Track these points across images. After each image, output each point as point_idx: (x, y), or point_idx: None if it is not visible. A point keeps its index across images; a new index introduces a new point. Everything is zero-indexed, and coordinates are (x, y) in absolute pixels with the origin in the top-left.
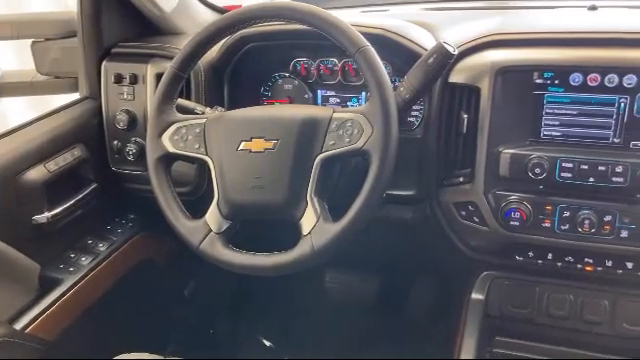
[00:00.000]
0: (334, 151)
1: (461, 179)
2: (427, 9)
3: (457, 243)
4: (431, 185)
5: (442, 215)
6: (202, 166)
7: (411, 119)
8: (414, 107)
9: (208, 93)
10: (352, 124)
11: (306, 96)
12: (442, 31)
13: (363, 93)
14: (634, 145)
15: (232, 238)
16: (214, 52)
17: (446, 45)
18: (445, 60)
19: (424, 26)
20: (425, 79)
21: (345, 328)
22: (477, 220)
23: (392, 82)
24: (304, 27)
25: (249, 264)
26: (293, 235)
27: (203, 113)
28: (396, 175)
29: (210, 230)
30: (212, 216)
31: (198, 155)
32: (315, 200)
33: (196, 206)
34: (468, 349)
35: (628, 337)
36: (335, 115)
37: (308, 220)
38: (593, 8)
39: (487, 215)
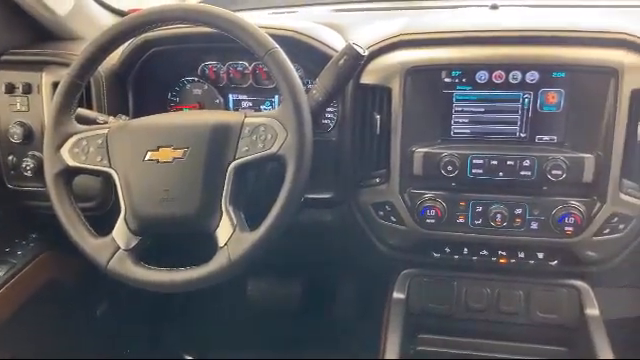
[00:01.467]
0: (248, 157)
1: (377, 180)
2: (336, 10)
3: (376, 243)
4: (348, 187)
5: (361, 216)
6: (107, 179)
7: (326, 121)
8: (328, 109)
9: (110, 101)
10: (265, 129)
11: (217, 101)
12: (352, 32)
13: (276, 96)
14: (539, 139)
15: (143, 254)
16: (115, 57)
17: (356, 46)
18: (355, 61)
19: (334, 27)
20: (337, 81)
21: (270, 335)
22: (394, 219)
23: (304, 85)
24: (211, 30)
25: (162, 281)
26: (209, 247)
27: (105, 123)
28: (313, 178)
29: (118, 247)
30: (120, 232)
31: (101, 168)
32: (230, 209)
33: (104, 222)
34: (392, 349)
35: (541, 324)
36: (247, 120)
37: (224, 231)
38: (494, 7)
39: (404, 214)
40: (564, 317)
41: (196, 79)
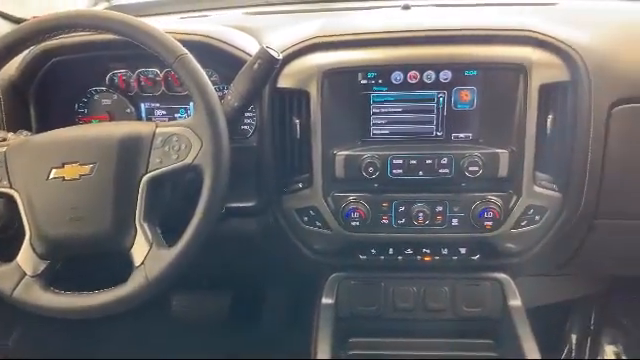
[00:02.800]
0: (161, 170)
1: (300, 185)
2: (249, 13)
3: (303, 249)
4: (271, 193)
5: (285, 223)
6: (9, 201)
7: (244, 127)
8: (247, 114)
9: (9, 116)
10: (179, 139)
11: (128, 110)
12: (266, 35)
13: (191, 103)
14: (455, 137)
15: (54, 279)
16: (12, 68)
17: (270, 50)
18: (270, 65)
19: (248, 31)
20: (252, 86)
21: (199, 349)
22: (319, 224)
23: (220, 90)
24: (116, 37)
25: (75, 307)
26: (126, 267)
27: (4, 140)
28: (234, 187)
29: (24, 273)
30: (25, 257)
31: (1, 189)
32: (145, 226)
33: (8, 247)
34: (323, 355)
35: (467, 319)
36: (159, 130)
37: (139, 249)
38: (407, 7)
39: (328, 218)
40: (488, 310)
41: (104, 89)
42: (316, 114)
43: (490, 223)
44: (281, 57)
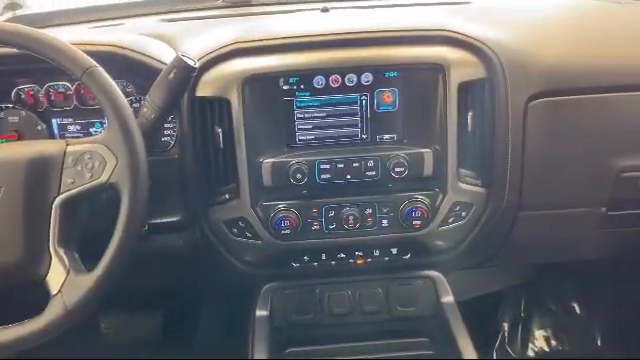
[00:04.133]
0: (74, 190)
1: (227, 196)
2: (165, 20)
3: (234, 262)
4: (197, 206)
5: (214, 236)
6: None
7: (165, 138)
8: (167, 125)
9: None
10: (92, 156)
11: (39, 128)
12: (183, 43)
13: None
14: (380, 139)
15: None
16: None
17: (185, 58)
18: (187, 74)
19: (163, 39)
20: (168, 96)
21: None
22: (249, 235)
23: (136, 102)
24: (18, 51)
25: None
26: (42, 296)
27: None
28: (157, 201)
29: None
30: None
31: None
32: (61, 251)
33: None
34: None
35: (402, 318)
36: (70, 148)
37: (56, 276)
38: (325, 10)
39: (258, 228)
40: (422, 308)
41: (11, 105)
42: (239, 122)
43: (419, 222)
44: (198, 65)
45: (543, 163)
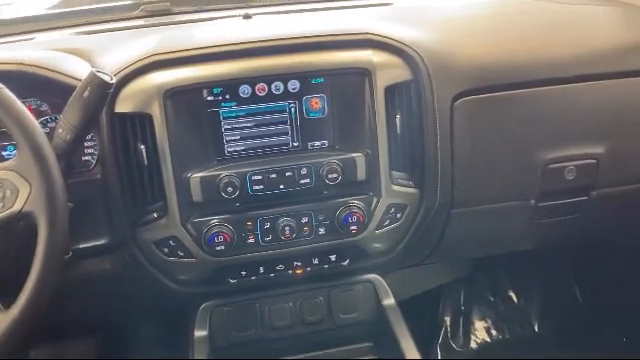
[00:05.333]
0: None
1: (155, 215)
2: (80, 33)
3: (167, 283)
4: (124, 228)
5: (144, 258)
6: None
7: (86, 158)
8: (87, 144)
9: None
10: (2, 184)
11: None
12: (99, 57)
13: None
14: (311, 146)
15: None
16: None
17: (100, 74)
18: (103, 91)
19: (78, 53)
20: (85, 115)
21: None
22: (182, 254)
23: (52, 121)
24: None
25: None
26: None
27: None
28: (82, 225)
29: None
30: None
31: None
32: None
33: None
34: None
35: (345, 325)
36: None
37: None
38: (247, 17)
39: (190, 246)
40: (364, 313)
41: None
42: (162, 137)
43: (355, 227)
44: (114, 80)
45: (472, 160)
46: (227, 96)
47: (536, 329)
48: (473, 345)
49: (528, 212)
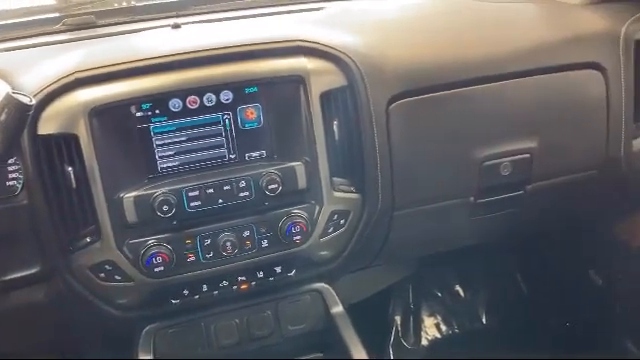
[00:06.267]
0: None
1: (88, 239)
2: None
3: (106, 308)
4: (56, 255)
5: (79, 284)
6: None
7: (10, 183)
8: (11, 168)
9: None
10: None
11: None
12: (19, 76)
13: None
14: (249, 157)
15: None
16: None
17: (18, 95)
18: (21, 113)
19: None
20: (3, 139)
21: None
22: (119, 278)
23: None
24: None
25: None
26: None
27: None
28: (10, 254)
29: None
30: None
31: None
32: None
33: None
34: None
35: (295, 337)
36: None
37: None
38: (177, 26)
39: (128, 269)
40: (313, 323)
41: None
42: (90, 158)
43: (299, 237)
44: (34, 102)
45: (411, 162)
46: (157, 111)
47: (484, 321)
48: (424, 342)
49: (468, 209)
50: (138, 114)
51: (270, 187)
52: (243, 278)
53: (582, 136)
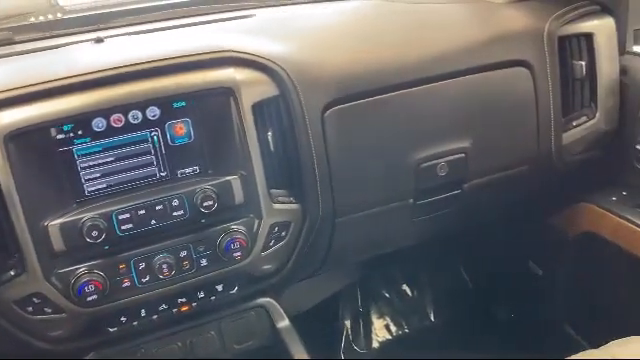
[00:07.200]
0: None
1: (12, 272)
2: None
3: (37, 344)
4: None
5: (6, 320)
6: None
7: None
8: None
9: None
10: None
11: None
12: None
13: None
14: (182, 174)
15: None
16: None
17: None
18: None
19: None
20: None
21: None
22: (49, 310)
23: None
24: None
25: None
26: None
27: None
28: None
29: None
30: None
31: None
32: None
33: None
34: None
35: (242, 356)
36: None
37: None
38: (99, 40)
39: (58, 301)
40: (260, 339)
41: None
42: (9, 186)
43: (239, 253)
44: None
45: (349, 168)
46: (80, 132)
47: (432, 318)
48: (375, 344)
49: (408, 211)
50: (59, 136)
51: (205, 204)
52: (183, 300)
53: (514, 133)
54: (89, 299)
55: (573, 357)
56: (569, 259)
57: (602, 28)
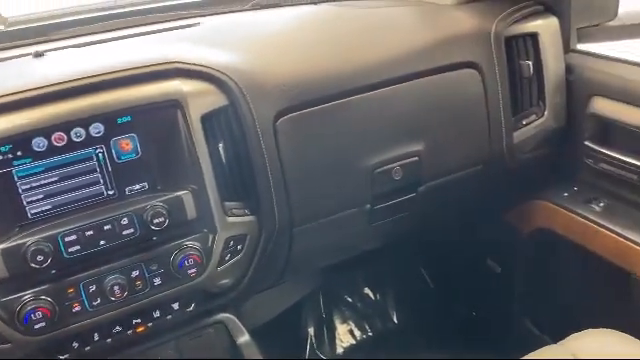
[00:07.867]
0: None
1: None
2: None
3: None
4: None
5: None
6: None
7: None
8: None
9: None
10: None
11: None
12: None
13: None
14: (130, 191)
15: None
16: None
17: None
18: None
19: None
20: None
21: None
22: None
23: None
24: None
25: None
26: None
27: None
28: None
29: None
30: None
31: None
32: None
33: None
34: None
35: None
36: None
37: None
38: (39, 55)
39: (3, 330)
40: (220, 356)
41: None
42: None
43: (194, 270)
44: None
45: (304, 176)
46: (19, 153)
47: (395, 320)
48: (339, 350)
49: (366, 216)
50: None
51: (156, 221)
52: (138, 320)
53: (466, 134)
54: (37, 327)
55: (532, 355)
56: (525, 256)
57: (546, 28)
